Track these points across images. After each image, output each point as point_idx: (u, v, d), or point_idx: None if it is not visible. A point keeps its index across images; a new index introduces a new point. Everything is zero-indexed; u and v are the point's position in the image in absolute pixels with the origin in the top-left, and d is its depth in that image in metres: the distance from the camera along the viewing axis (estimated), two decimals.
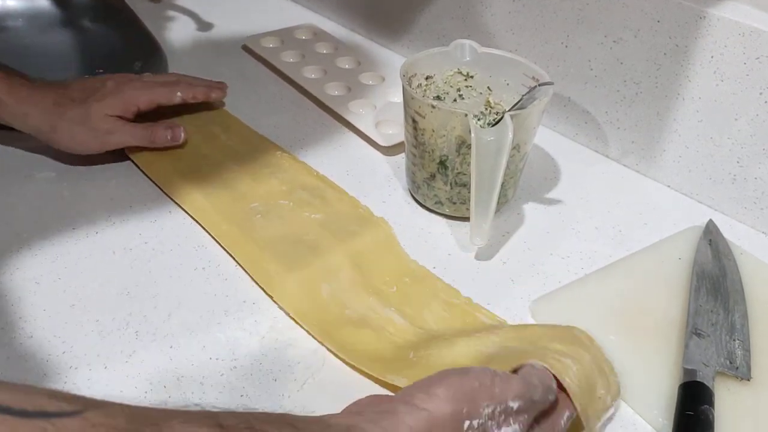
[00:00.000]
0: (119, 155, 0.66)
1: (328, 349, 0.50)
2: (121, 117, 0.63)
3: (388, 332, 0.51)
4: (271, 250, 0.56)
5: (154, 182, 0.64)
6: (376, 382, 0.47)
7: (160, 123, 0.65)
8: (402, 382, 0.45)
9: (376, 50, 0.92)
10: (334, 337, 0.50)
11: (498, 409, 0.37)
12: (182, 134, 0.64)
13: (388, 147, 0.71)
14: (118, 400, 0.45)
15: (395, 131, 0.73)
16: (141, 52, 0.79)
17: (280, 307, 0.53)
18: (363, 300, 0.53)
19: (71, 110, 0.61)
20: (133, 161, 0.66)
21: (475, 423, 0.36)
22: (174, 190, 0.63)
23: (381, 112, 0.76)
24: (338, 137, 0.74)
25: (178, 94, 0.68)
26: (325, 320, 0.51)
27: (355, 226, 0.60)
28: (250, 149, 0.69)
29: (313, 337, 0.50)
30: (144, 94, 0.65)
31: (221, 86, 0.73)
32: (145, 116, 0.66)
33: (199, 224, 0.60)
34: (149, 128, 0.64)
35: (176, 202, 0.62)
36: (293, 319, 0.52)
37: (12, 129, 0.65)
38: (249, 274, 0.55)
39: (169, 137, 0.64)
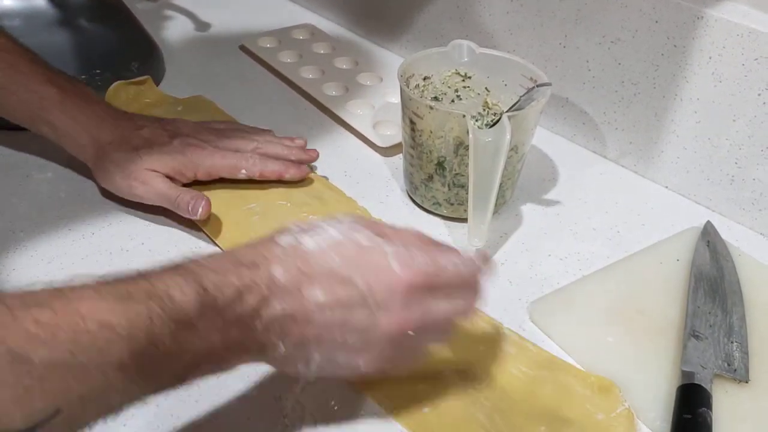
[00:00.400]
0: None
1: None
2: (166, 175, 0.59)
3: None
4: None
5: None
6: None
7: (188, 191, 0.58)
8: (388, 408, 0.46)
9: (374, 50, 0.92)
10: None
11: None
12: (200, 210, 0.56)
13: (386, 148, 0.71)
14: None
15: (393, 132, 0.73)
16: (138, 51, 0.79)
17: None
18: None
19: (119, 152, 0.58)
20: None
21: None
22: None
23: (379, 112, 0.76)
24: (336, 138, 0.74)
25: (243, 171, 0.61)
26: None
27: None
28: None
29: None
30: (206, 165, 0.60)
31: (298, 163, 0.64)
32: None
33: (197, 225, 0.60)
34: (177, 192, 0.58)
35: None
36: None
37: (9, 129, 0.65)
38: None
39: (189, 209, 0.56)
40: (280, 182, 0.64)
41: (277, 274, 0.37)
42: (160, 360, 0.32)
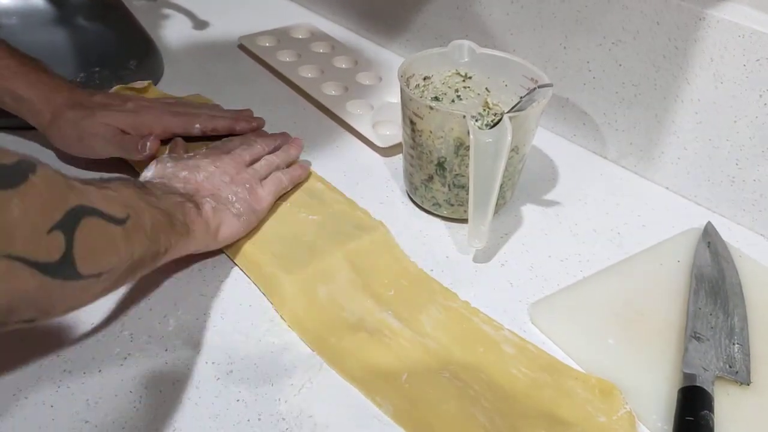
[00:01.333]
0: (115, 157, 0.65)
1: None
2: (121, 130, 0.61)
3: (383, 335, 0.50)
4: (269, 251, 0.56)
5: None
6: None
7: (138, 136, 0.61)
8: (388, 411, 0.45)
9: (374, 50, 0.92)
10: (328, 342, 0.50)
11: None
12: (149, 145, 0.60)
13: (386, 148, 0.71)
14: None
15: (393, 132, 0.73)
16: (136, 50, 0.79)
17: (277, 311, 0.52)
18: (360, 302, 0.53)
19: (74, 112, 0.61)
20: (128, 161, 0.65)
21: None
22: None
23: (378, 112, 0.76)
24: (335, 138, 0.74)
25: (197, 126, 0.65)
26: (322, 323, 0.51)
27: (353, 227, 0.59)
28: None
29: (307, 345, 0.50)
30: (161, 122, 0.63)
31: (247, 118, 0.68)
32: None
33: None
34: (126, 138, 0.61)
35: None
36: (289, 325, 0.51)
37: (8, 129, 0.65)
38: (246, 275, 0.55)
39: (139, 147, 0.60)
40: None
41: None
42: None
